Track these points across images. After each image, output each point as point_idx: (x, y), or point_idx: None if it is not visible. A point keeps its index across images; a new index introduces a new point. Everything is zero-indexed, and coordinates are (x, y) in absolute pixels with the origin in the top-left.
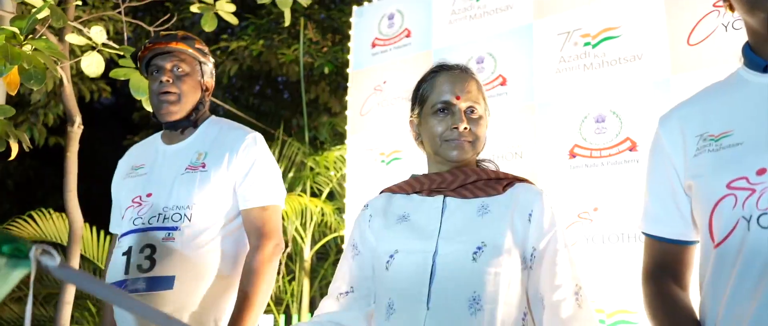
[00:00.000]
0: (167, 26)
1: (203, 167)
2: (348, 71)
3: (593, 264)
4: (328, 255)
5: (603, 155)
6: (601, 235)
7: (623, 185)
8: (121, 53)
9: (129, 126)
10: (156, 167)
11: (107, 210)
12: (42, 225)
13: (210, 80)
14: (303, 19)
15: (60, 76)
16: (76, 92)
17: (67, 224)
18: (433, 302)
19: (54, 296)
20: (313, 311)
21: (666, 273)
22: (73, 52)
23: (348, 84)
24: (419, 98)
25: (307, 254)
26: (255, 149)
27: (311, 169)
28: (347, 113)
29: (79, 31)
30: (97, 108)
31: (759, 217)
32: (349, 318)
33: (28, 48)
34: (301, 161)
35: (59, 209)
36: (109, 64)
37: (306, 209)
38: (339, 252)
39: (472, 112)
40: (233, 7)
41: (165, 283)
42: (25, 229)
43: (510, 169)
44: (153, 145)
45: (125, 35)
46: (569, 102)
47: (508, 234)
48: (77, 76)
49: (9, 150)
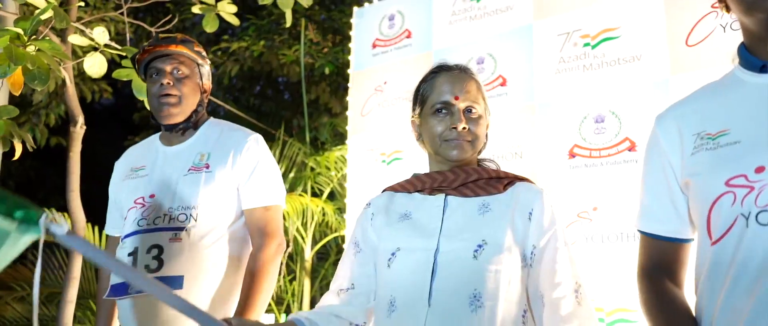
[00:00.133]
0: (169, 27)
1: (207, 168)
2: (349, 72)
3: (593, 263)
4: (328, 255)
5: (602, 155)
6: (601, 234)
7: (622, 185)
8: (124, 54)
9: (129, 127)
10: (157, 168)
11: (107, 210)
12: None
13: (208, 82)
14: (304, 20)
15: (62, 76)
16: (77, 93)
17: (70, 224)
18: (435, 299)
19: (56, 295)
20: None
21: (661, 271)
22: (75, 52)
23: (349, 84)
24: (420, 98)
25: (308, 254)
26: (258, 150)
27: (312, 169)
28: (348, 113)
29: (82, 32)
30: (97, 109)
31: (758, 214)
32: (349, 312)
33: (31, 49)
34: (302, 161)
35: (61, 209)
36: (111, 64)
37: (307, 209)
38: (340, 252)
39: (470, 111)
40: (235, 8)
41: (174, 283)
42: None
43: (510, 169)
44: (152, 147)
45: (127, 36)
46: (569, 102)
47: (508, 232)
48: (78, 76)
49: (12, 150)
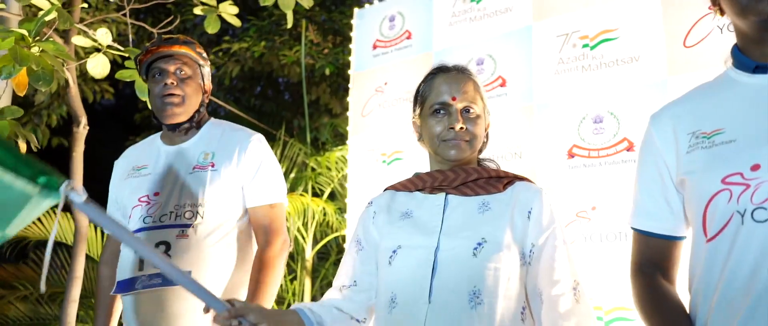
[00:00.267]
0: (170, 28)
1: (212, 166)
2: (349, 72)
3: (591, 262)
4: (329, 255)
5: (601, 155)
6: (600, 234)
7: (621, 185)
8: (126, 55)
9: (130, 127)
10: (160, 167)
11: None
12: (47, 225)
13: (209, 82)
14: (304, 21)
15: (66, 77)
16: (79, 93)
17: (73, 224)
18: (435, 296)
19: (59, 294)
20: None
21: (655, 268)
22: (77, 53)
23: (349, 85)
24: (419, 99)
25: (309, 253)
26: (261, 149)
27: (313, 170)
28: (349, 114)
29: (85, 34)
30: (98, 109)
31: (753, 211)
32: (351, 307)
33: (36, 50)
34: (303, 161)
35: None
36: (113, 65)
37: (308, 209)
38: (340, 251)
39: (468, 111)
40: (236, 9)
41: None
42: (31, 229)
43: (510, 169)
44: (153, 146)
45: (130, 37)
46: (568, 103)
47: (507, 230)
48: (80, 77)
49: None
